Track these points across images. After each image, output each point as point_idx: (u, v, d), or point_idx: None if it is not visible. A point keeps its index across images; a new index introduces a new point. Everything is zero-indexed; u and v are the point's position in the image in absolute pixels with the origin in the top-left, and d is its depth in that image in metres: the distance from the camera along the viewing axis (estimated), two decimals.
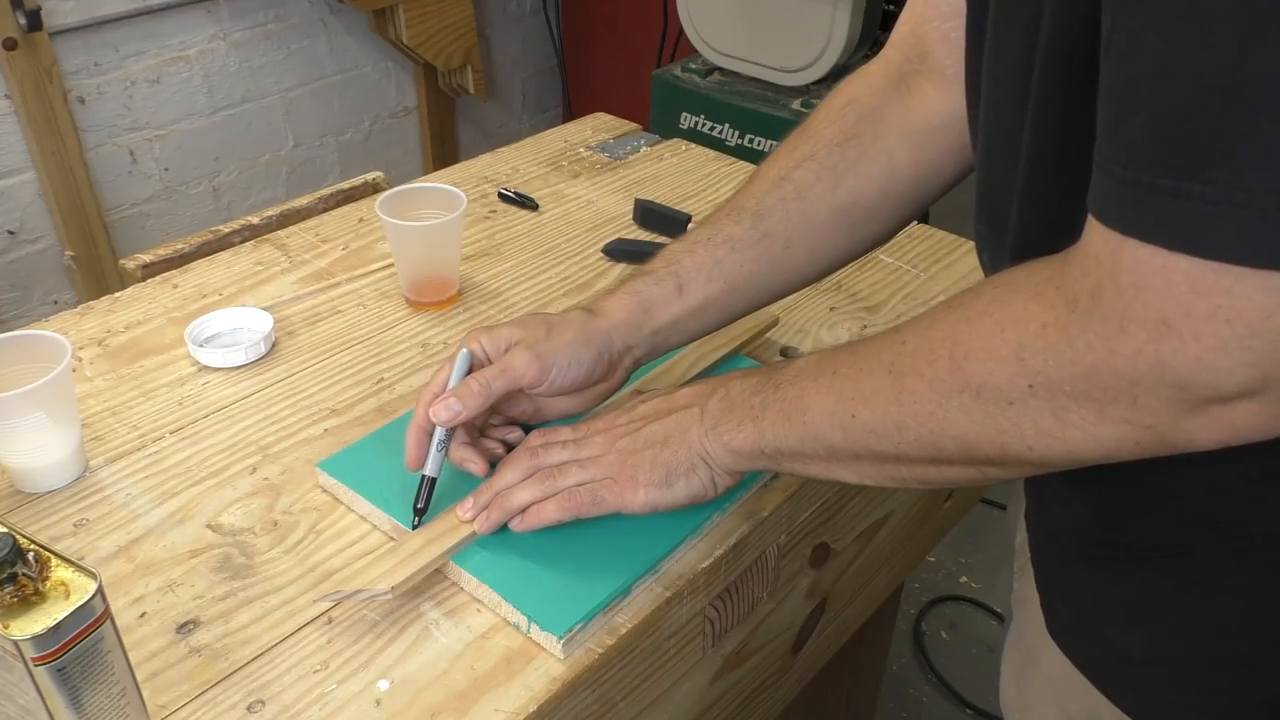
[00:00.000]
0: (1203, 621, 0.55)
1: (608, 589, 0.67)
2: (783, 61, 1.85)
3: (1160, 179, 0.41)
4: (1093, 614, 0.60)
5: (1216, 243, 0.40)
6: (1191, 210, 0.40)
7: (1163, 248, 0.41)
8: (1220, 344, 0.41)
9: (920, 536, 1.09)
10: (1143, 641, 0.58)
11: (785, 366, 0.65)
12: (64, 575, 0.52)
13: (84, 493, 0.76)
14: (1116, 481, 0.55)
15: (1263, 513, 0.52)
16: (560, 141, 1.32)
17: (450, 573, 0.69)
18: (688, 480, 0.67)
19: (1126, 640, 0.58)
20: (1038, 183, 0.56)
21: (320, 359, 0.90)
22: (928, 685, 1.74)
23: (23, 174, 1.93)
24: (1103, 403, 0.46)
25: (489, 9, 2.63)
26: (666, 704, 0.74)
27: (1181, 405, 0.44)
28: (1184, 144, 0.40)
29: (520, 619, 0.65)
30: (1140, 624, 0.58)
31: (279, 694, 0.62)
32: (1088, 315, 0.45)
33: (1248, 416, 0.43)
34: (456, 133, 2.70)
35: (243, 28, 2.16)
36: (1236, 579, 0.54)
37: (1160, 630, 0.57)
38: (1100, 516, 0.58)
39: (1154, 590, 0.57)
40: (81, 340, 0.92)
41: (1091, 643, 0.61)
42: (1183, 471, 0.52)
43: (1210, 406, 0.43)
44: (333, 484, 0.76)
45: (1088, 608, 0.61)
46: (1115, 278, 0.43)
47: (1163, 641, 0.57)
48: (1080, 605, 0.61)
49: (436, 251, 0.96)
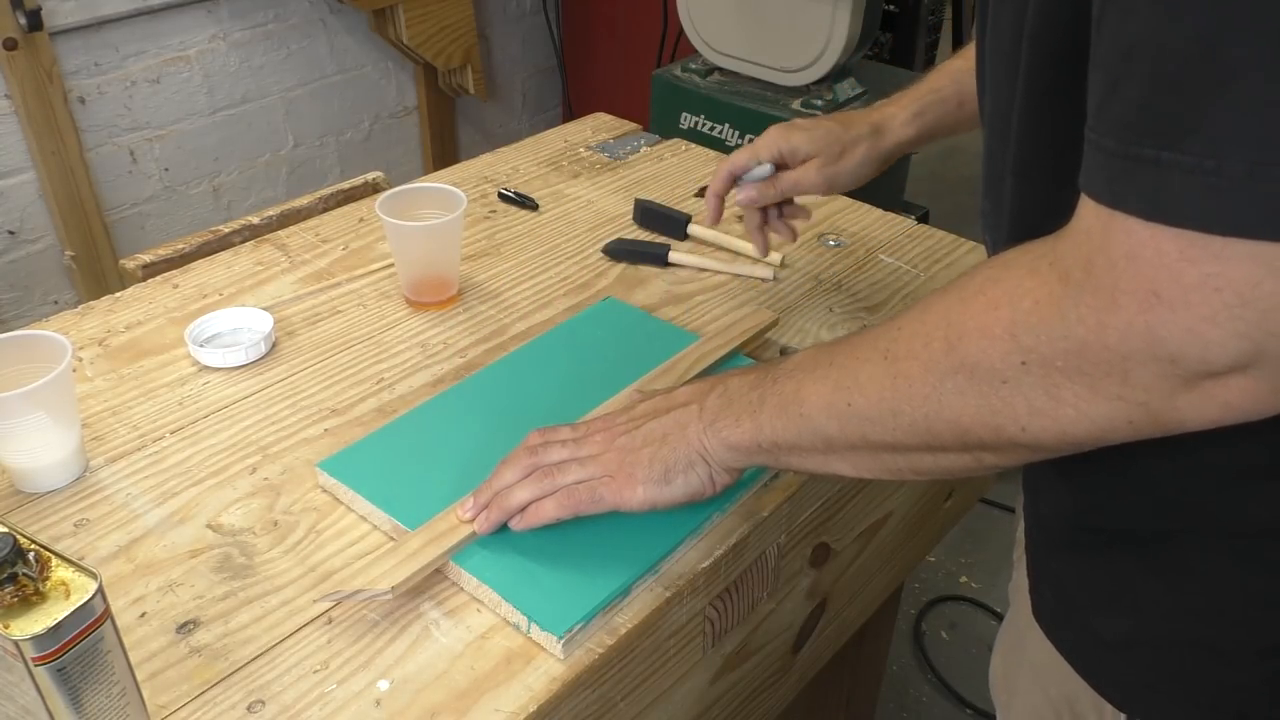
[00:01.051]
0: (1175, 606, 0.56)
1: (607, 589, 0.67)
2: (783, 61, 1.85)
3: (1145, 149, 0.41)
4: (1074, 599, 0.61)
5: (1194, 212, 0.40)
6: (1170, 179, 0.41)
7: (1146, 219, 0.42)
8: (1211, 314, 0.41)
9: (920, 536, 1.09)
10: (1119, 626, 0.58)
11: (783, 362, 0.65)
12: (64, 575, 0.52)
13: (84, 493, 0.76)
14: (1102, 469, 0.55)
15: (1241, 503, 0.52)
16: (560, 141, 1.32)
17: (450, 573, 0.69)
18: (686, 477, 0.67)
19: (1104, 625, 0.59)
20: (1028, 159, 0.57)
21: (320, 359, 0.90)
22: (928, 685, 1.74)
23: (23, 174, 1.93)
24: (1095, 378, 0.46)
25: (489, 9, 2.63)
26: (666, 704, 0.74)
27: (1174, 380, 0.44)
28: (1165, 114, 0.41)
29: (520, 619, 0.65)
30: (1117, 609, 0.58)
31: (279, 694, 0.62)
32: (1079, 289, 0.45)
33: (1240, 393, 0.43)
34: (456, 133, 2.70)
35: (243, 28, 2.15)
36: (1209, 565, 0.54)
37: (1135, 615, 0.57)
38: (1084, 502, 0.59)
39: (1130, 575, 0.57)
40: (82, 340, 0.92)
41: (1072, 627, 0.62)
42: (1167, 460, 0.53)
43: (1203, 382, 0.43)
44: (333, 484, 0.76)
45: (1069, 593, 0.62)
46: (1106, 250, 0.44)
47: (1137, 626, 0.57)
48: (1063, 590, 0.62)
49: (436, 251, 0.96)
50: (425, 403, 0.84)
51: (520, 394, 0.84)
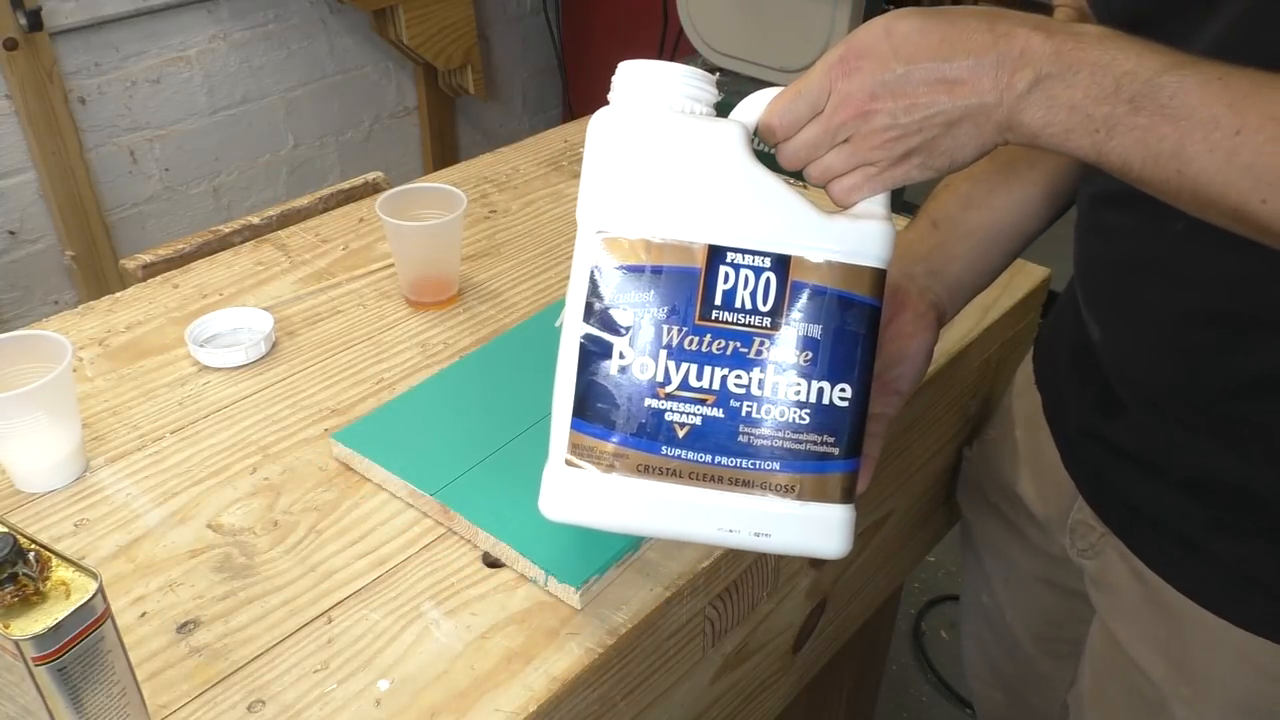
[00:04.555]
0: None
1: (622, 541, 0.68)
2: (783, 61, 1.85)
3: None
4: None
5: None
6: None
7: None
8: None
9: (920, 536, 1.10)
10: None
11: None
12: (64, 575, 0.52)
13: (84, 493, 0.76)
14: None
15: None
16: (560, 141, 1.32)
17: (466, 531, 0.71)
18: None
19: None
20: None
21: (320, 359, 0.90)
22: (928, 685, 1.74)
23: (23, 174, 1.93)
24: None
25: (489, 9, 2.63)
26: (666, 704, 0.74)
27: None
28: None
29: (538, 573, 0.67)
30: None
31: (279, 694, 0.62)
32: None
33: None
34: (456, 133, 2.70)
35: (243, 28, 2.16)
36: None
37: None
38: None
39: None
40: (82, 340, 0.92)
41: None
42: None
43: None
44: (348, 454, 0.77)
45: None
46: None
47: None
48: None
49: (436, 251, 0.96)
50: (433, 375, 0.86)
51: (528, 362, 0.86)
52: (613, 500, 0.56)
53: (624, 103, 0.57)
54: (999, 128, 0.51)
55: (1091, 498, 0.78)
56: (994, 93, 0.50)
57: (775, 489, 0.56)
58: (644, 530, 0.59)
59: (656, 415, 0.55)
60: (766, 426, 0.55)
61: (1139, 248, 0.68)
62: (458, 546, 0.71)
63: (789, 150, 0.56)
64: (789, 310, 0.55)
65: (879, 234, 0.55)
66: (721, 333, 0.55)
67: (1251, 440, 0.65)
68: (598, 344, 0.55)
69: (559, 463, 0.57)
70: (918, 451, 0.97)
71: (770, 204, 0.55)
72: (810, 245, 0.55)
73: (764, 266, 0.55)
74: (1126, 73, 0.48)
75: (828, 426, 0.56)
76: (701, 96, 0.56)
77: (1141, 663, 0.75)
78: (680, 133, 0.55)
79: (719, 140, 0.55)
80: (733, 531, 0.57)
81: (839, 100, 0.53)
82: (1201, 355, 0.65)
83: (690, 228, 0.55)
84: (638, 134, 0.55)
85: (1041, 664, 0.93)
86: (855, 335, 0.56)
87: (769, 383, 0.55)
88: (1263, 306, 0.61)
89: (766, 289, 0.55)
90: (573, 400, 0.56)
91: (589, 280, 0.56)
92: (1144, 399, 0.71)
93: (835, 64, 0.53)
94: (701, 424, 0.55)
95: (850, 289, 0.55)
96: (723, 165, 0.55)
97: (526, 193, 1.18)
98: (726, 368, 0.55)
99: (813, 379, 0.55)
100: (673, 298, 0.55)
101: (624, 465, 0.56)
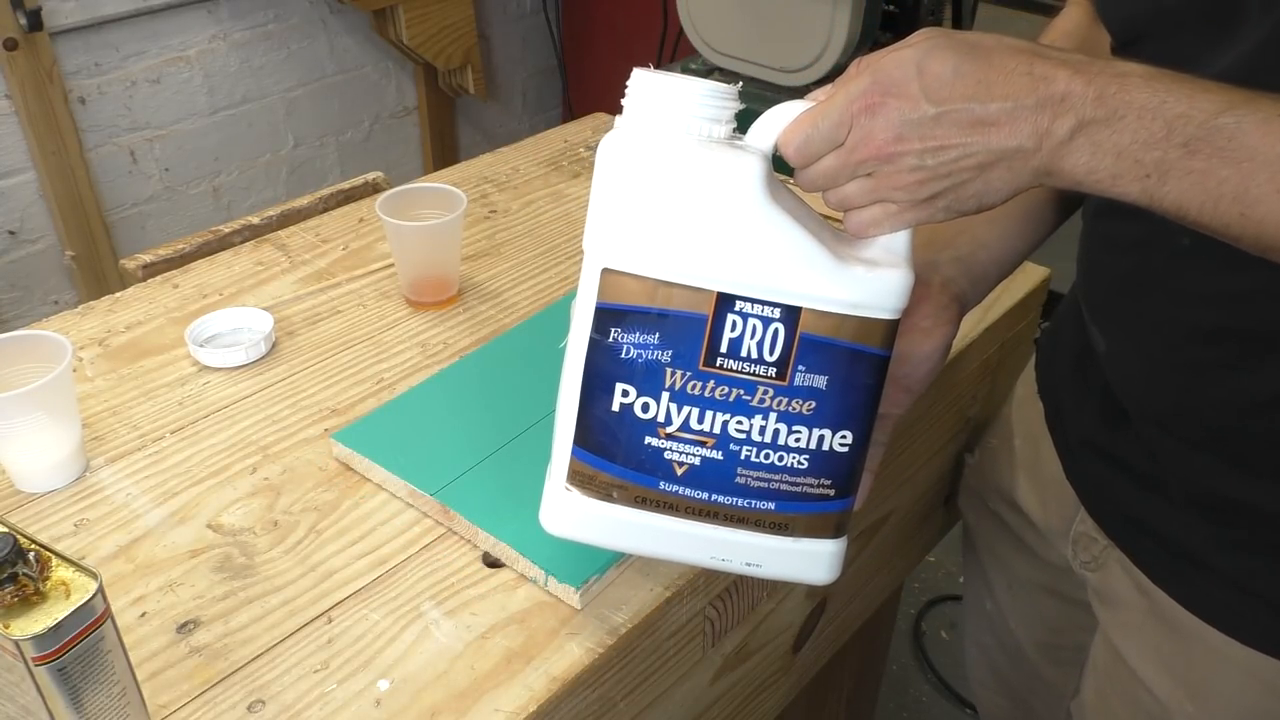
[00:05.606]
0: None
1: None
2: (782, 61, 1.85)
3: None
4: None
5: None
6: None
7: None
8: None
9: (920, 537, 1.10)
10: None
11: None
12: (64, 575, 0.52)
13: (84, 493, 0.76)
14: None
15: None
16: (560, 141, 1.32)
17: (466, 531, 0.71)
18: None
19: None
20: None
21: (320, 359, 0.90)
22: (928, 685, 1.74)
23: (23, 174, 1.93)
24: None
25: (489, 9, 2.63)
26: (666, 704, 0.74)
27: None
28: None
29: (538, 573, 0.67)
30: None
31: (279, 694, 0.62)
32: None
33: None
34: (456, 133, 2.70)
35: (243, 28, 2.15)
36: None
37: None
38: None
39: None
40: (82, 340, 0.92)
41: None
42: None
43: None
44: (348, 454, 0.77)
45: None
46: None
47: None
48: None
49: (436, 251, 0.96)
50: (433, 375, 0.86)
51: (528, 362, 0.87)
52: (610, 524, 0.57)
53: (637, 122, 0.54)
54: (1036, 173, 0.49)
55: (1094, 510, 0.78)
56: (1033, 137, 0.48)
57: (769, 526, 0.56)
58: (639, 552, 0.60)
59: (656, 453, 0.55)
60: (764, 470, 0.55)
61: (1145, 261, 0.67)
62: (458, 546, 0.71)
63: (806, 178, 0.54)
64: (796, 361, 0.54)
65: (895, 286, 0.54)
66: (726, 380, 0.54)
67: (1257, 457, 0.64)
68: (600, 380, 0.55)
69: (559, 484, 0.57)
70: (918, 452, 0.97)
71: (785, 250, 0.53)
72: (823, 297, 0.53)
73: (773, 317, 0.53)
74: (1179, 115, 0.46)
75: (826, 471, 0.56)
76: (721, 116, 0.53)
77: (1145, 677, 0.75)
78: (696, 166, 0.52)
79: (736, 178, 0.52)
80: (725, 560, 0.58)
81: (861, 137, 0.50)
82: (1207, 372, 0.64)
83: (701, 272, 0.53)
84: (651, 165, 0.52)
85: (1045, 671, 0.93)
86: (862, 386, 0.55)
87: (770, 429, 0.55)
88: (1270, 324, 0.60)
89: (774, 340, 0.54)
90: (574, 429, 0.56)
91: (593, 316, 0.54)
92: (1148, 413, 0.70)
93: (858, 97, 0.50)
94: (700, 464, 0.55)
95: (861, 342, 0.54)
96: (738, 206, 0.52)
97: (526, 193, 1.18)
98: (728, 414, 0.54)
99: (814, 427, 0.55)
100: (678, 342, 0.53)
101: (622, 496, 0.56)
